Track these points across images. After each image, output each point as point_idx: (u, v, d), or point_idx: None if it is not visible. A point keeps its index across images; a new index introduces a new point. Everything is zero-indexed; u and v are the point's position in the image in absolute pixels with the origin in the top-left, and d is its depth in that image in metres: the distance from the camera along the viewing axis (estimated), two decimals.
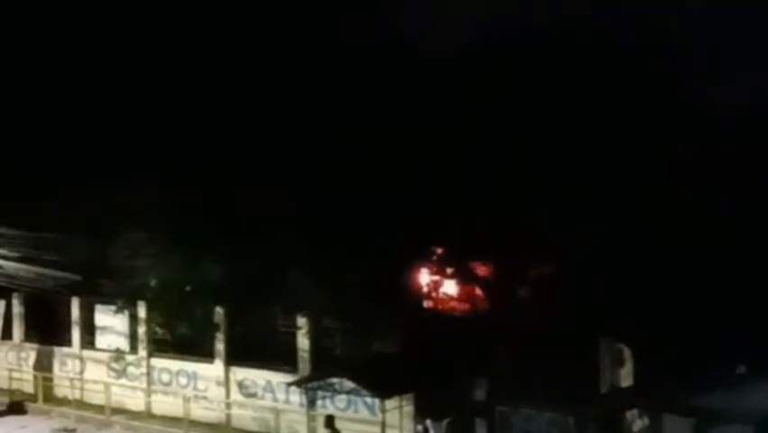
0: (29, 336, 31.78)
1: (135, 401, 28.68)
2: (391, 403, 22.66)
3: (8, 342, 31.99)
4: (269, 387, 26.15)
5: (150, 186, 23.29)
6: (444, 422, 22.32)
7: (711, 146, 19.05)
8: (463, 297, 24.66)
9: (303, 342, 25.55)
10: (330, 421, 22.32)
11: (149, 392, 28.49)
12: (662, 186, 19.35)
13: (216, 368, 27.28)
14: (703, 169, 19.04)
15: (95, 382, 29.47)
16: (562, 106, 19.64)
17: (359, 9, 21.08)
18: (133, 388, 28.78)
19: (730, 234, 18.78)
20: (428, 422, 22.53)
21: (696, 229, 19.09)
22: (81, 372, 30.16)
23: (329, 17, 21.25)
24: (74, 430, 27.46)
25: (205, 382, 27.47)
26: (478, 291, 24.20)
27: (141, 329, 28.70)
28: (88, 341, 30.41)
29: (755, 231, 18.76)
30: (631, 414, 20.38)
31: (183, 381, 28.01)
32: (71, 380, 30.09)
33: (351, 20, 21.09)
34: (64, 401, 29.89)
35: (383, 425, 22.54)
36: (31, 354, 31.52)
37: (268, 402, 26.04)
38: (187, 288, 25.94)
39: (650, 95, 19.37)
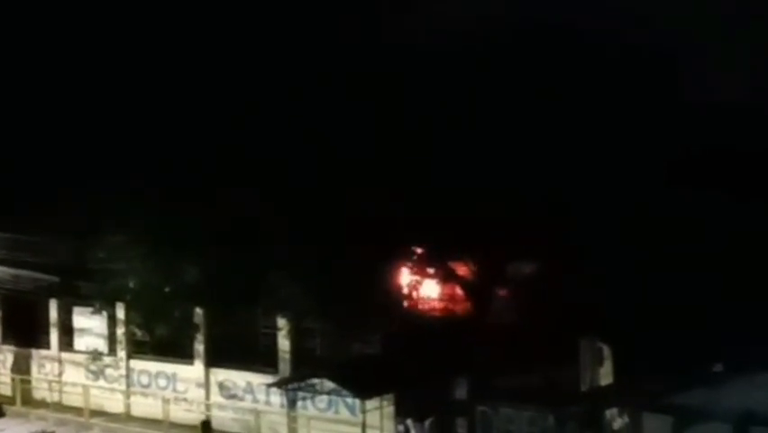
0: (6, 338, 31.50)
1: (114, 403, 28.54)
2: (372, 404, 22.69)
3: None
4: (249, 388, 26.11)
5: (130, 188, 23.15)
6: (427, 422, 22.37)
7: (700, 146, 19.18)
8: (444, 297, 24.69)
9: (283, 343, 25.54)
10: (206, 427, 22.03)
11: (128, 394, 28.35)
12: (648, 185, 19.45)
13: (196, 369, 27.20)
14: (686, 168, 19.17)
15: (73, 384, 29.31)
16: (558, 106, 19.68)
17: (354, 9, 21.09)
18: (112, 390, 28.64)
19: (711, 233, 18.92)
20: (409, 422, 22.57)
21: (673, 229, 19.22)
22: (60, 374, 29.97)
23: (326, 17, 21.21)
24: None
25: (184, 384, 27.39)
26: (458, 291, 24.24)
27: (120, 331, 28.55)
28: (66, 343, 30.19)
29: (735, 230, 18.92)
30: (611, 412, 20.54)
31: (162, 382, 27.90)
32: (49, 382, 29.89)
33: (347, 19, 21.09)
34: (42, 404, 29.68)
35: (363, 425, 22.57)
36: (8, 356, 31.23)
37: (248, 404, 25.99)
38: (167, 289, 25.80)
39: (648, 94, 19.42)
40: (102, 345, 29.23)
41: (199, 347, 27.12)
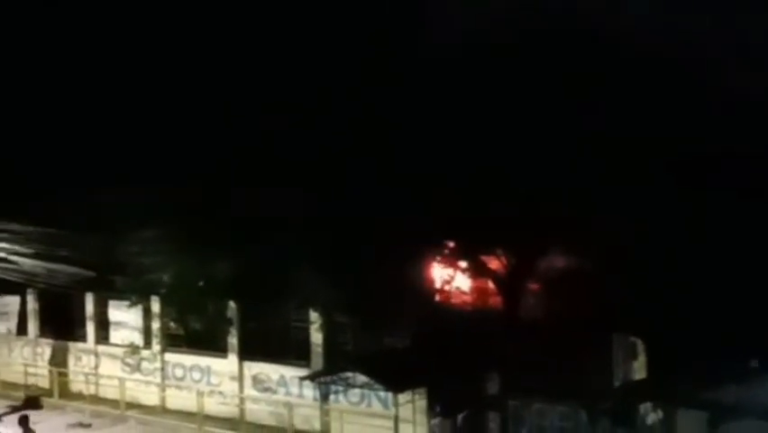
0: (44, 331, 32.07)
1: (150, 396, 28.87)
2: (404, 397, 22.72)
3: (23, 337, 32.35)
4: (282, 381, 26.27)
5: (162, 182, 23.31)
6: (459, 416, 22.36)
7: (722, 145, 18.90)
8: (476, 291, 24.63)
9: (316, 336, 25.66)
10: (24, 420, 21.86)
11: (163, 387, 28.67)
12: (674, 183, 19.23)
13: (230, 363, 27.42)
14: (714, 167, 18.91)
15: (109, 377, 29.70)
16: (567, 106, 19.54)
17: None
18: (148, 383, 28.96)
19: (744, 230, 18.67)
20: (438, 420, 22.52)
21: (709, 225, 18.99)
22: (96, 367, 30.40)
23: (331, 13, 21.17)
24: (89, 425, 27.65)
25: (218, 377, 27.64)
26: (490, 285, 24.16)
27: (155, 324, 28.91)
28: (103, 336, 30.65)
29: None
30: (644, 408, 20.39)
31: (197, 375, 28.18)
32: (86, 375, 30.33)
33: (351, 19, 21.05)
34: (79, 396, 30.14)
35: (396, 419, 22.60)
36: (46, 349, 31.79)
37: (281, 396, 26.15)
38: (200, 283, 26.00)
39: (658, 95, 19.19)
40: (137, 339, 29.58)
41: (233, 341, 27.34)
